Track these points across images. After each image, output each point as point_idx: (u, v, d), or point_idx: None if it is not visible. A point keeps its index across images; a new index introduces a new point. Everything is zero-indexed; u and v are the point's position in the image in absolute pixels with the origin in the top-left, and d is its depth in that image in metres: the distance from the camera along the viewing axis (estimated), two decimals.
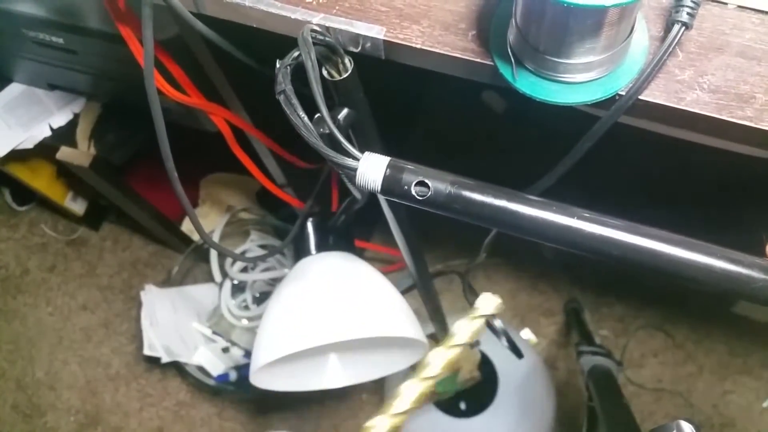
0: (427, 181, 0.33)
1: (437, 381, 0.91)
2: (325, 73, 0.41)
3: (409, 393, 0.28)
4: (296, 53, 0.38)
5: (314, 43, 0.37)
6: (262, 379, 0.70)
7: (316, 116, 0.37)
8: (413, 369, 0.90)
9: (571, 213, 0.32)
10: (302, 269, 0.74)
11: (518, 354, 0.85)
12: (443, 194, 0.33)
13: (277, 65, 0.38)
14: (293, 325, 0.65)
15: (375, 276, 0.73)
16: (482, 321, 0.32)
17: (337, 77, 0.41)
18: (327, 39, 0.38)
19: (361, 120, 0.44)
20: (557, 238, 0.32)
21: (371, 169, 0.34)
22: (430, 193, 0.33)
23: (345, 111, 0.43)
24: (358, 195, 0.54)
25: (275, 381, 0.72)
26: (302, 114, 0.36)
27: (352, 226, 0.80)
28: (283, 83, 0.37)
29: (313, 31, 0.38)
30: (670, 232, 0.32)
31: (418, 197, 0.33)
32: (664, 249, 0.31)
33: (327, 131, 0.36)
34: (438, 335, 0.88)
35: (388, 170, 0.34)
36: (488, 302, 0.32)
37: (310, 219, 0.78)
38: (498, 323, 0.80)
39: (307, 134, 0.35)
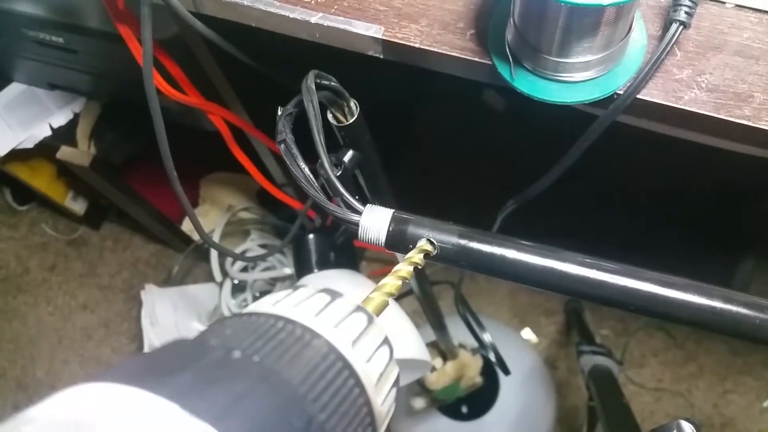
0: (432, 239, 0.33)
1: (440, 389, 0.91)
2: (330, 117, 0.40)
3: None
4: (298, 99, 0.37)
5: (319, 88, 0.36)
6: None
7: (319, 163, 0.36)
8: (418, 383, 0.90)
9: (588, 264, 0.32)
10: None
11: (505, 371, 0.86)
12: (451, 249, 0.33)
13: (279, 112, 0.37)
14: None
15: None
16: (422, 255, 0.32)
17: (344, 121, 0.40)
18: (332, 84, 0.37)
19: (368, 161, 0.43)
20: (573, 289, 0.32)
21: (374, 223, 0.34)
22: (436, 251, 0.33)
23: (350, 153, 0.41)
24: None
25: None
26: (303, 165, 0.35)
27: (352, 242, 0.80)
28: (284, 132, 0.36)
29: (318, 76, 0.37)
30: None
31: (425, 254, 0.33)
32: (690, 299, 0.31)
33: (330, 171, 0.35)
34: (439, 342, 0.88)
35: (391, 225, 0.33)
36: (428, 245, 0.32)
37: (311, 235, 0.77)
38: (487, 337, 0.80)
39: (307, 186, 0.34)
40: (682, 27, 0.36)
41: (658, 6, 0.39)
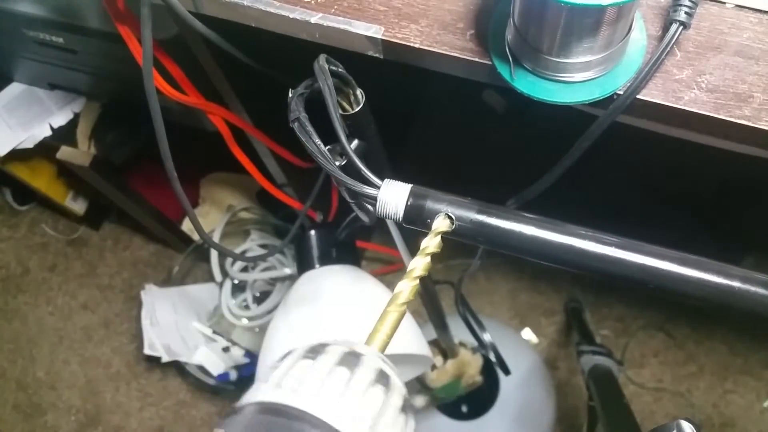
0: (451, 213, 0.32)
1: (440, 387, 0.91)
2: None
3: (388, 321, 0.29)
4: (309, 82, 0.37)
5: (331, 69, 0.37)
6: None
7: (329, 148, 0.36)
8: (418, 380, 0.91)
9: (607, 242, 0.31)
10: (307, 285, 0.73)
11: (505, 371, 0.86)
12: (468, 225, 0.32)
13: (290, 94, 0.37)
14: (298, 342, 0.64)
15: (379, 291, 0.72)
16: (431, 254, 0.32)
17: (349, 110, 0.40)
18: (339, 70, 0.37)
19: (373, 151, 0.43)
20: (592, 266, 0.32)
21: (392, 197, 0.33)
22: (455, 225, 0.32)
23: (356, 142, 0.42)
24: (366, 219, 0.53)
25: None
26: (318, 141, 0.35)
27: (354, 238, 0.79)
28: (297, 111, 0.36)
29: (327, 61, 0.37)
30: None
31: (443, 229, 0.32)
32: (709, 278, 0.31)
33: (344, 161, 0.35)
34: (440, 340, 0.88)
35: (410, 199, 0.33)
36: (435, 241, 0.32)
37: (313, 231, 0.77)
38: (487, 337, 0.80)
39: (323, 161, 0.34)
40: (682, 27, 0.36)
41: (658, 6, 0.39)
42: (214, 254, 1.34)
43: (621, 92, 0.37)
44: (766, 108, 0.36)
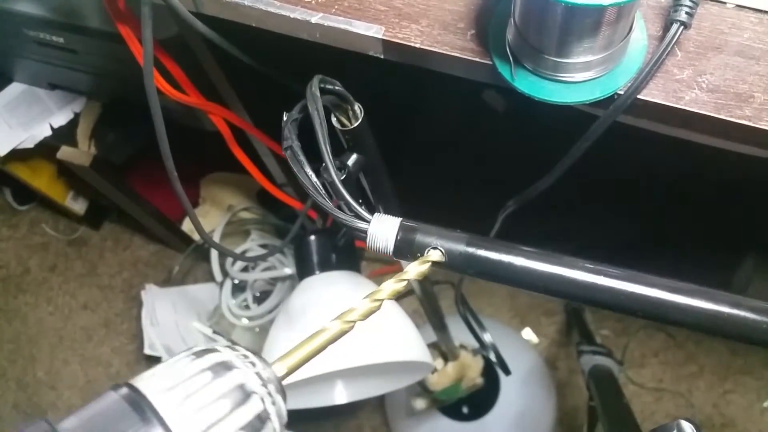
0: (440, 247, 0.32)
1: (441, 390, 0.91)
2: (334, 120, 0.40)
3: (360, 308, 0.29)
4: (303, 104, 0.36)
5: (323, 92, 0.36)
6: None
7: (323, 166, 0.36)
8: (419, 384, 0.90)
9: (595, 270, 0.31)
10: (307, 292, 0.73)
11: (506, 371, 0.86)
12: (458, 257, 0.32)
13: (284, 118, 0.36)
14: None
15: None
16: (428, 265, 0.33)
17: (348, 125, 0.40)
18: (336, 88, 0.37)
19: (372, 164, 0.43)
20: (581, 296, 0.32)
21: (382, 231, 0.33)
22: (445, 259, 0.33)
23: (354, 156, 0.41)
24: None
25: None
26: (310, 172, 0.34)
27: (353, 243, 0.79)
28: (290, 138, 0.35)
29: (322, 81, 0.36)
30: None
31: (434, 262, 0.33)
32: (697, 304, 0.31)
33: (337, 179, 0.35)
34: (440, 342, 0.88)
35: (399, 234, 0.33)
36: (417, 270, 0.32)
37: (313, 236, 0.77)
38: (487, 337, 0.80)
39: (315, 194, 0.34)
40: (682, 27, 0.36)
41: (658, 6, 0.39)
42: (214, 254, 1.34)
43: (622, 92, 0.37)
44: (766, 108, 0.36)
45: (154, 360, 1.22)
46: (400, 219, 0.34)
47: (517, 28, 0.36)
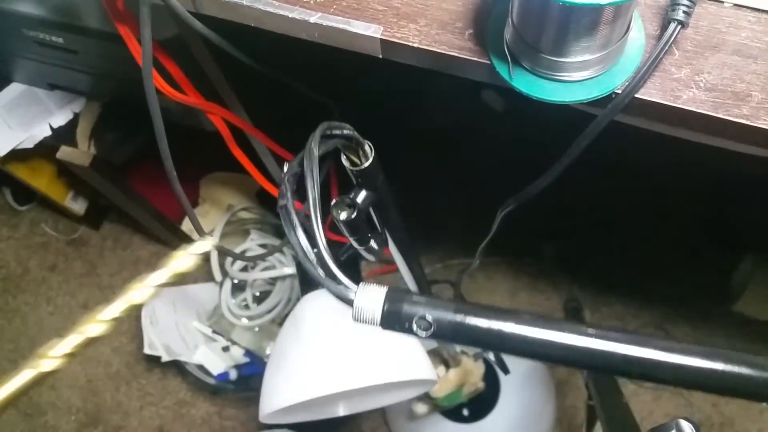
0: (428, 316, 0.32)
1: (443, 396, 0.90)
2: (344, 159, 0.40)
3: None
4: (302, 157, 0.35)
5: (332, 136, 0.36)
6: (270, 417, 0.68)
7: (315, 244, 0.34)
8: (418, 399, 0.90)
9: (589, 333, 0.31)
10: (311, 308, 0.72)
11: (504, 370, 0.85)
12: (447, 326, 0.32)
13: (284, 168, 0.35)
14: (307, 370, 0.63)
15: None
16: (197, 257, 0.32)
17: (358, 164, 0.39)
18: (345, 132, 0.36)
19: (382, 200, 0.43)
20: (575, 360, 0.31)
21: (368, 303, 0.32)
22: (433, 328, 0.32)
23: (364, 193, 0.41)
24: (372, 259, 0.52)
25: (281, 416, 0.71)
26: (301, 235, 0.33)
27: (357, 258, 0.79)
28: (285, 196, 0.34)
29: (329, 127, 0.35)
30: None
31: (423, 332, 0.32)
32: (685, 361, 0.31)
33: (325, 251, 0.34)
34: (441, 349, 0.88)
35: (386, 305, 0.32)
36: (206, 243, 0.32)
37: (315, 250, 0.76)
38: None
39: (303, 259, 0.33)
40: (680, 26, 0.36)
41: (656, 5, 0.39)
42: (213, 254, 1.34)
43: (619, 91, 0.37)
44: (764, 107, 0.36)
45: (153, 359, 1.23)
46: (386, 288, 0.33)
47: (515, 28, 0.36)
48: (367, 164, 0.39)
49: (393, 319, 0.32)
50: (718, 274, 1.24)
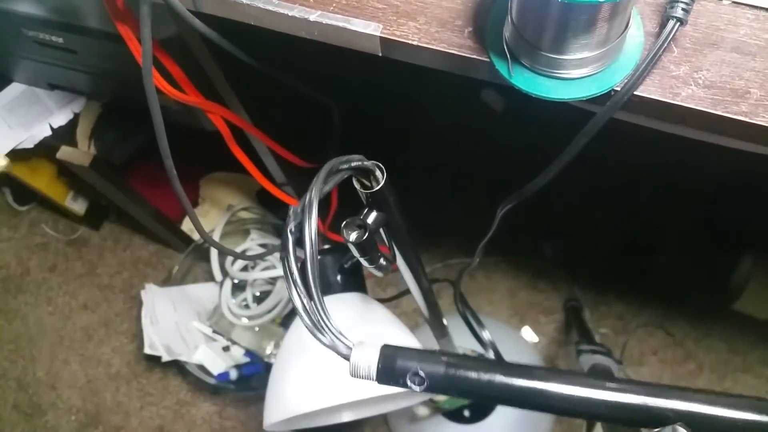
0: (421, 372, 0.33)
1: (445, 400, 0.89)
2: (355, 182, 0.40)
3: None
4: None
5: (339, 171, 0.36)
6: (275, 426, 0.68)
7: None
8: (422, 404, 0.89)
9: (579, 382, 0.32)
10: None
11: None
12: (439, 379, 0.33)
13: (289, 214, 0.35)
14: (313, 380, 0.62)
15: (389, 321, 0.70)
16: None
17: (369, 187, 0.39)
18: (354, 164, 0.36)
19: (392, 221, 0.43)
20: (566, 410, 0.32)
21: (364, 360, 0.33)
22: (426, 383, 0.33)
23: (374, 215, 0.41)
24: (379, 274, 0.52)
25: (286, 425, 0.71)
26: (301, 291, 0.33)
27: (360, 264, 0.78)
28: (287, 249, 0.34)
29: (339, 163, 0.35)
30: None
31: (417, 387, 0.33)
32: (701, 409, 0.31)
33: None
34: (440, 345, 0.88)
35: (381, 362, 0.33)
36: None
37: (319, 257, 0.76)
38: (486, 335, 0.80)
39: (302, 316, 0.33)
40: (679, 24, 0.36)
41: (655, 3, 0.39)
42: (214, 253, 1.34)
43: (618, 88, 0.37)
44: (762, 104, 0.36)
45: (154, 359, 1.23)
46: (380, 346, 0.34)
47: (514, 25, 0.36)
48: (378, 187, 0.39)
49: (388, 376, 0.33)
50: (718, 274, 1.24)
